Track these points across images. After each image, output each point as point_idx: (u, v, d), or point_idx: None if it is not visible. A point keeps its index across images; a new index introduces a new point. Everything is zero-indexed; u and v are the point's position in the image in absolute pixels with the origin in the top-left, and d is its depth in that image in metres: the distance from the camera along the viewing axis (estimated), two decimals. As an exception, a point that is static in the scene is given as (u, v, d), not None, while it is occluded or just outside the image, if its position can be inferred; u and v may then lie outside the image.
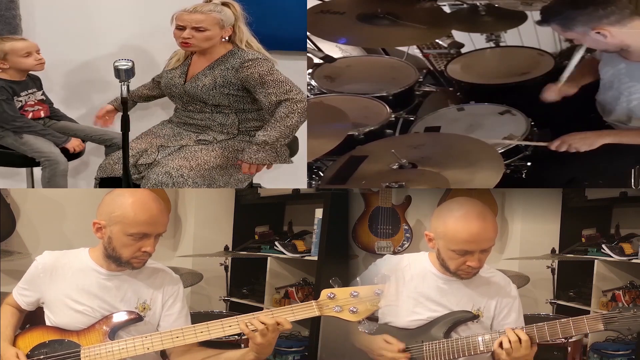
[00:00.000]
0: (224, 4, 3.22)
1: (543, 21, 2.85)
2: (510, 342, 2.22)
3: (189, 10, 3.17)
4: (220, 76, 3.16)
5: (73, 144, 3.43)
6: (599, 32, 2.70)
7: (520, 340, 2.22)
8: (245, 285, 3.28)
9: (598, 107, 3.00)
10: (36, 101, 3.45)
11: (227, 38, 3.24)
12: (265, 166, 3.13)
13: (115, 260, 2.28)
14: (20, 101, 3.39)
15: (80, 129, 3.56)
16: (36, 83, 3.48)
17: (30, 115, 3.42)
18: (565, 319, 2.25)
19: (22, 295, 2.36)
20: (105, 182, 3.19)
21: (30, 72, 3.43)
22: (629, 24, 2.69)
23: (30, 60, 3.34)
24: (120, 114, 3.10)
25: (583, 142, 2.80)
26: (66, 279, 2.31)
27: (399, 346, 2.33)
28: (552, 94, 3.01)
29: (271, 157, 3.08)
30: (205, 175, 3.09)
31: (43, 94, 3.51)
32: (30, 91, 3.43)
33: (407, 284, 2.40)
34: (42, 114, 3.48)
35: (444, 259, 2.35)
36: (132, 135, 2.99)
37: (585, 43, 2.83)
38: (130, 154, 3.15)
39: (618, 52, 2.82)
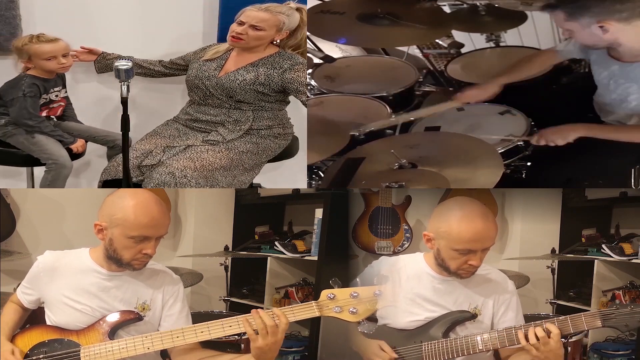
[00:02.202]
0: (297, 9, 3.28)
1: (549, 6, 2.83)
2: (538, 337, 2.22)
3: (261, 7, 3.22)
4: (264, 74, 3.21)
5: (77, 144, 3.44)
6: (601, 26, 2.68)
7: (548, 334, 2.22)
8: (245, 285, 3.29)
9: (596, 107, 2.99)
10: (60, 98, 3.47)
11: (277, 41, 3.28)
12: None
13: (116, 261, 2.28)
14: (46, 98, 3.41)
15: (84, 129, 3.56)
16: (63, 80, 3.51)
17: (45, 112, 3.43)
18: (564, 317, 2.26)
19: (25, 293, 2.38)
20: (109, 184, 3.19)
21: None
22: (633, 22, 2.68)
23: (53, 64, 3.35)
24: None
25: (557, 135, 2.80)
26: (66, 279, 2.31)
27: (392, 356, 2.33)
28: (463, 97, 3.03)
29: None
30: (209, 177, 3.09)
31: (66, 91, 3.54)
32: (57, 89, 3.45)
33: (403, 285, 2.40)
34: (59, 112, 3.50)
35: (445, 258, 2.34)
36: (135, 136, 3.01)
37: (579, 37, 2.80)
38: (134, 155, 3.16)
39: (607, 52, 2.81)
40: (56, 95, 3.45)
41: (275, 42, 3.31)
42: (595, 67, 2.91)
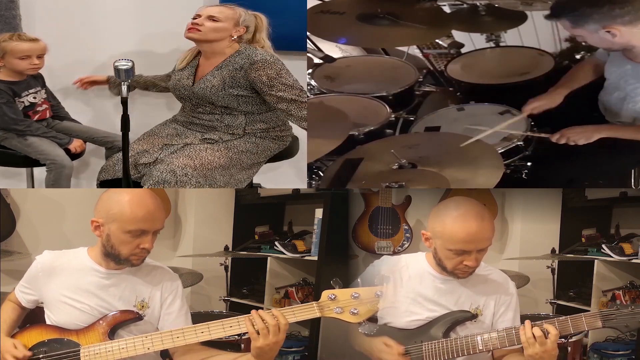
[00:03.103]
0: (255, 15, 3.32)
1: (553, 15, 2.82)
2: (534, 336, 2.22)
3: (219, 4, 3.27)
4: (229, 77, 3.18)
5: (75, 145, 3.43)
6: (609, 31, 2.68)
7: (546, 335, 2.22)
8: (245, 285, 3.29)
9: (601, 106, 2.99)
10: (42, 100, 3.45)
11: (235, 37, 3.26)
12: None
13: (114, 258, 2.28)
14: (22, 102, 3.38)
15: (83, 130, 3.56)
16: (39, 81, 3.47)
17: (37, 117, 3.42)
18: (564, 317, 2.25)
19: (23, 292, 2.37)
20: (107, 184, 3.19)
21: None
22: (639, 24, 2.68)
23: (24, 64, 3.32)
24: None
25: (581, 135, 2.80)
26: (65, 278, 2.31)
27: (399, 349, 2.33)
28: (529, 110, 3.01)
29: None
30: (208, 175, 3.10)
31: (47, 91, 3.51)
32: (33, 90, 3.42)
33: (405, 285, 2.40)
34: (48, 114, 3.48)
35: (441, 258, 2.34)
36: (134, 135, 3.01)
37: (591, 41, 2.81)
38: (130, 154, 3.16)
39: (622, 53, 2.82)
40: (34, 97, 3.41)
41: (234, 39, 3.27)
42: (608, 66, 2.91)
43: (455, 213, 2.32)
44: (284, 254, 3.12)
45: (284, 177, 3.68)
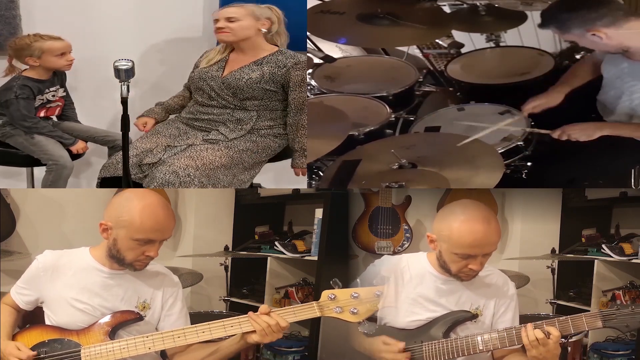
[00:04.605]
0: (267, 7, 3.36)
1: (543, 25, 2.86)
2: (537, 339, 2.22)
3: (227, 6, 3.31)
4: (269, 72, 3.24)
5: (77, 146, 3.44)
6: (594, 34, 2.70)
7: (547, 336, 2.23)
8: (245, 285, 3.29)
9: (599, 106, 3.00)
10: (57, 97, 3.47)
11: (265, 30, 3.32)
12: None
13: (118, 260, 2.29)
14: (42, 99, 3.41)
15: (84, 129, 3.57)
16: (61, 79, 3.51)
17: (43, 113, 3.43)
18: (564, 317, 2.26)
19: (21, 294, 2.36)
20: (107, 181, 3.19)
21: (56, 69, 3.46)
22: (624, 25, 2.69)
23: (62, 61, 3.38)
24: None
25: (582, 133, 2.81)
26: (67, 278, 2.31)
27: (399, 346, 2.33)
28: (529, 109, 3.01)
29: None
30: (210, 175, 3.10)
31: (65, 90, 3.54)
32: (54, 89, 3.46)
33: (405, 285, 2.40)
34: (57, 112, 3.50)
35: (446, 261, 2.34)
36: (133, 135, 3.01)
37: (585, 44, 2.83)
38: (134, 153, 3.16)
39: (621, 53, 2.82)
40: (53, 95, 3.45)
41: (264, 32, 3.31)
42: (605, 65, 2.92)
43: (462, 217, 2.31)
44: (284, 254, 3.12)
45: (284, 177, 3.67)
